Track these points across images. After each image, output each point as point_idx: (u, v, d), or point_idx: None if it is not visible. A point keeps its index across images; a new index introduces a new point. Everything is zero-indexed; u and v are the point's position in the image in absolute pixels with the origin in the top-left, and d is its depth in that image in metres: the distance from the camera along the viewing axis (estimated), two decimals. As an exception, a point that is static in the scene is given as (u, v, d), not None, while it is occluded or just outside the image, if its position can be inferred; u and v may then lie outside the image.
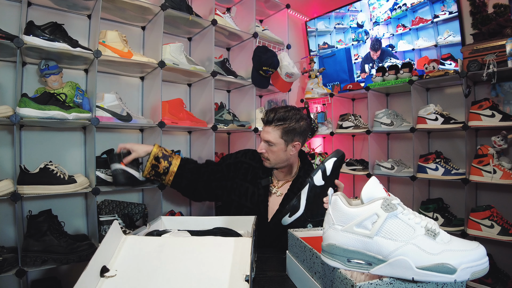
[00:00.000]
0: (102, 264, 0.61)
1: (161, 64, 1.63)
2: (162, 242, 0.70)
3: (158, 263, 0.64)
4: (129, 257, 0.66)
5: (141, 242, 0.72)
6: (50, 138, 1.57)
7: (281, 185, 1.35)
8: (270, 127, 1.26)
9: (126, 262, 0.65)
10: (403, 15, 2.29)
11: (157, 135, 1.66)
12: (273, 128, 1.25)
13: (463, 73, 1.74)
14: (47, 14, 1.56)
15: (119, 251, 0.67)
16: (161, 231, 0.82)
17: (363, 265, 0.55)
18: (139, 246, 0.70)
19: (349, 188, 2.67)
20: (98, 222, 1.47)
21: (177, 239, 0.74)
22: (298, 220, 0.94)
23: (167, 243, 0.70)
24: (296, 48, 2.84)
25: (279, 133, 1.25)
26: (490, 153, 1.72)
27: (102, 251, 0.63)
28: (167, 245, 0.69)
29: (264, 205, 1.27)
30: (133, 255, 0.67)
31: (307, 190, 0.93)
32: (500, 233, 1.61)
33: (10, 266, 1.23)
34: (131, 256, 0.67)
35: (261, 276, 0.85)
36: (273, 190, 1.33)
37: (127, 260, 0.66)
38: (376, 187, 0.57)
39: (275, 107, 1.32)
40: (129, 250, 0.68)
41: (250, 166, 1.34)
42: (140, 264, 0.64)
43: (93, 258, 0.59)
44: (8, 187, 1.23)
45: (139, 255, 0.67)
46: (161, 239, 0.73)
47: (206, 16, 1.90)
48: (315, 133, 2.52)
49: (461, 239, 0.54)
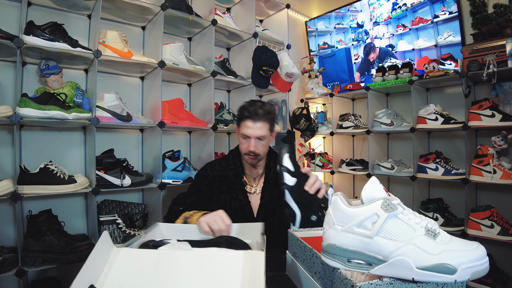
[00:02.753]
0: (89, 283, 0.53)
1: (161, 64, 1.63)
2: (159, 256, 0.62)
3: (155, 282, 0.56)
4: (121, 274, 0.58)
5: (134, 256, 0.63)
6: (50, 138, 1.57)
7: (257, 183, 1.34)
8: (259, 122, 1.23)
9: (118, 280, 0.57)
10: (403, 15, 2.29)
11: (157, 135, 1.66)
12: (263, 122, 1.24)
13: (463, 73, 1.74)
14: (47, 14, 1.56)
15: (110, 267, 0.59)
16: (157, 242, 0.72)
17: (363, 265, 0.55)
18: (133, 261, 0.62)
19: (349, 188, 2.67)
20: (98, 222, 1.47)
21: (176, 253, 0.65)
22: (302, 222, 0.95)
23: (164, 257, 0.61)
24: (296, 48, 2.84)
25: (268, 126, 1.26)
26: (490, 153, 1.72)
27: (90, 267, 0.55)
28: (164, 260, 0.60)
29: (248, 207, 1.27)
30: (125, 272, 0.59)
31: (289, 195, 0.95)
32: (500, 233, 1.61)
33: (10, 266, 1.23)
34: (123, 273, 0.59)
35: (261, 276, 0.85)
36: (252, 190, 1.32)
37: (118, 277, 0.57)
38: (376, 187, 0.57)
39: (252, 102, 1.29)
40: (121, 265, 0.60)
41: (221, 177, 1.32)
42: (133, 283, 0.57)
43: (79, 275, 0.51)
44: (8, 187, 1.23)
45: (132, 272, 0.59)
46: (157, 252, 0.65)
47: (206, 16, 1.90)
48: (315, 133, 2.52)
49: (461, 239, 0.54)
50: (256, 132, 1.23)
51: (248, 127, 1.24)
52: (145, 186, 1.62)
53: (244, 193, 1.29)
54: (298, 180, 0.95)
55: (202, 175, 1.34)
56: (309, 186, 0.97)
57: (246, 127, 1.24)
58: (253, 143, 1.23)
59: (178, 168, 1.73)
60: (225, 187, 1.30)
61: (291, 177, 0.95)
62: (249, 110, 1.24)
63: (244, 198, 1.28)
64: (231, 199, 1.28)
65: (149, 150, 1.80)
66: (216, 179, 1.32)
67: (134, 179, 1.56)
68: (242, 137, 1.28)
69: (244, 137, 1.26)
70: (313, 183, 0.98)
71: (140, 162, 1.87)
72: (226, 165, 1.35)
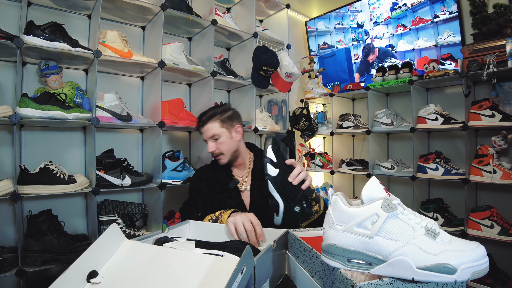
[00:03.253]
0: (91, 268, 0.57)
1: (161, 64, 1.63)
2: (156, 252, 0.65)
3: (143, 276, 0.59)
4: (120, 264, 0.62)
5: (137, 249, 0.67)
6: (50, 138, 1.57)
7: (246, 180, 1.38)
8: (206, 125, 1.34)
9: (115, 269, 0.61)
10: (403, 15, 2.29)
11: (157, 135, 1.66)
12: (210, 124, 1.34)
13: (463, 73, 1.74)
14: (47, 14, 1.56)
15: (115, 257, 0.63)
16: (168, 238, 0.76)
17: (363, 265, 0.55)
18: (134, 253, 0.65)
19: (349, 188, 2.67)
20: (98, 222, 1.47)
21: (171, 252, 0.66)
22: (285, 212, 0.95)
23: (160, 254, 0.64)
24: (296, 48, 2.84)
25: (217, 124, 1.34)
26: (490, 153, 1.72)
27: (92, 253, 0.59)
28: (159, 257, 0.63)
29: (241, 205, 1.30)
30: (124, 262, 0.63)
31: (272, 185, 0.95)
32: (500, 233, 1.61)
33: (10, 266, 1.23)
34: (122, 263, 0.62)
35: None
36: (242, 188, 1.35)
37: (117, 267, 0.61)
38: (376, 187, 0.57)
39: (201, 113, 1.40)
40: (123, 256, 0.64)
41: (213, 178, 1.37)
42: (127, 274, 0.60)
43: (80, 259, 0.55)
44: (8, 187, 1.23)
45: (129, 264, 0.62)
46: (156, 248, 0.67)
47: (206, 16, 1.90)
48: (315, 133, 2.52)
49: (461, 239, 0.54)
50: (207, 133, 1.34)
51: (202, 133, 1.38)
52: (145, 186, 1.62)
53: (237, 191, 1.33)
54: (281, 171, 0.96)
55: (199, 179, 1.40)
56: (293, 177, 0.98)
57: (202, 135, 1.38)
58: (209, 144, 1.34)
59: (178, 168, 1.73)
60: (218, 188, 1.34)
61: (274, 168, 0.95)
62: (199, 120, 1.38)
63: (237, 197, 1.31)
64: (225, 198, 1.31)
65: (149, 150, 1.80)
66: (209, 181, 1.37)
67: (134, 179, 1.56)
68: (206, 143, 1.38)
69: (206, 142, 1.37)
70: (297, 174, 0.99)
71: (140, 162, 1.87)
72: (215, 168, 1.41)
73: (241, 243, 0.82)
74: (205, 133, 1.35)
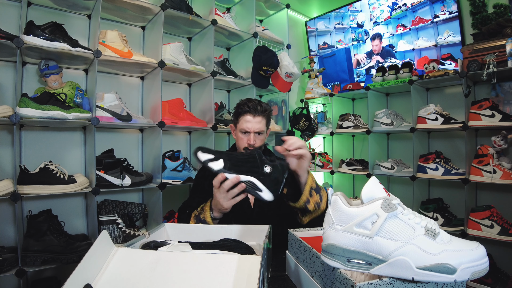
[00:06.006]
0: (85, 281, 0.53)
1: (161, 64, 1.63)
2: (157, 257, 0.62)
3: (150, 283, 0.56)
4: (118, 274, 0.58)
5: (133, 256, 0.63)
6: (50, 138, 1.58)
7: None
8: (259, 117, 1.26)
9: (114, 280, 0.57)
10: (403, 15, 2.29)
11: (157, 135, 1.66)
12: (262, 118, 1.27)
13: (463, 73, 1.74)
14: (47, 14, 1.56)
15: (107, 266, 0.59)
16: (159, 243, 0.73)
17: (363, 265, 0.55)
18: (130, 261, 0.62)
19: (349, 188, 2.67)
20: (98, 222, 1.47)
21: (173, 255, 0.64)
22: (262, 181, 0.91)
23: (162, 259, 0.61)
24: (296, 48, 2.84)
25: (265, 121, 1.29)
26: (490, 153, 1.72)
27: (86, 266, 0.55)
28: (161, 262, 0.60)
29: (246, 202, 1.27)
30: (122, 272, 0.59)
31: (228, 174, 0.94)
32: (500, 233, 1.61)
33: (10, 266, 1.23)
34: (120, 273, 0.59)
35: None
36: None
37: (114, 278, 0.57)
38: (376, 187, 0.57)
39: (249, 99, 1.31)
40: (119, 265, 0.60)
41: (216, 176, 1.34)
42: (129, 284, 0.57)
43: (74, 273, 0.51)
44: (8, 187, 1.23)
45: (129, 272, 0.59)
46: (155, 253, 0.65)
47: (206, 16, 1.90)
48: (315, 133, 2.52)
49: (461, 239, 0.54)
50: (256, 126, 1.24)
51: (248, 121, 1.25)
52: (145, 186, 1.62)
53: None
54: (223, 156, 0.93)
55: (202, 177, 1.36)
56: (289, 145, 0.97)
57: (246, 122, 1.25)
58: (253, 137, 1.24)
59: (178, 168, 1.73)
60: None
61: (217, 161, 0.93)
62: (248, 105, 1.26)
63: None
64: None
65: (149, 150, 1.80)
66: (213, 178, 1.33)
67: (134, 179, 1.56)
68: (241, 132, 1.28)
69: (243, 132, 1.27)
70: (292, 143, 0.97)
71: (140, 162, 1.87)
72: None
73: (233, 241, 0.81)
74: (253, 124, 1.25)
